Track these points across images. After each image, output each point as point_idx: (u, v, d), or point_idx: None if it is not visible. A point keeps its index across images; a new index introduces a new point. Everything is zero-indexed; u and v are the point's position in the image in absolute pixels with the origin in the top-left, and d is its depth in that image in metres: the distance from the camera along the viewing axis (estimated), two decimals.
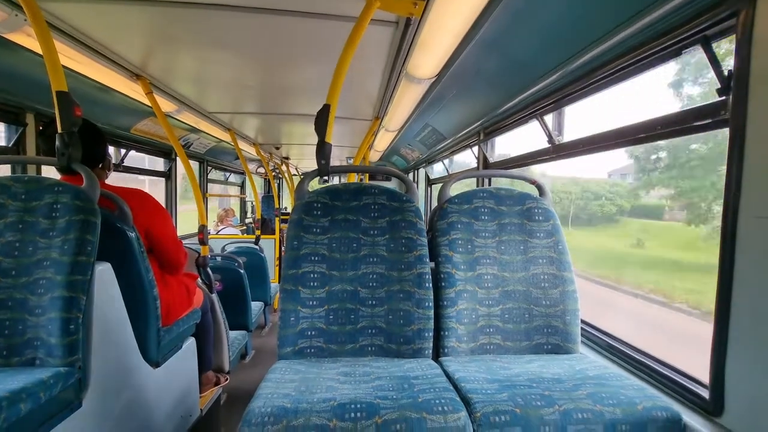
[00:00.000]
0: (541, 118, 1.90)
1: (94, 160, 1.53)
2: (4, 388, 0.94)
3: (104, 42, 1.74)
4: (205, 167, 4.67)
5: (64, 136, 1.28)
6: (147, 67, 2.04)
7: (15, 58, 1.67)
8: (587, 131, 1.57)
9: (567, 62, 1.41)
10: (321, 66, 2.02)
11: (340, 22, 1.51)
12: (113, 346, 1.34)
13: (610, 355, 1.44)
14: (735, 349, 0.92)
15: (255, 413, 0.89)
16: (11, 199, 1.23)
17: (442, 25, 1.42)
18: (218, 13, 1.49)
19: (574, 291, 1.39)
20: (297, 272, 1.30)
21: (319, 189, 1.40)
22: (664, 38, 1.11)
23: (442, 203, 1.46)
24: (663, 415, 0.94)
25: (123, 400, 1.36)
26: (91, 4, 1.42)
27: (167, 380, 1.63)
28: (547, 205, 1.47)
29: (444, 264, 1.37)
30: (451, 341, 1.32)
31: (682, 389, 1.11)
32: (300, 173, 8.25)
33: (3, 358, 1.12)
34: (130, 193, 1.55)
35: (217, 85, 2.48)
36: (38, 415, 1.01)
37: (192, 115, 2.97)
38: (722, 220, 0.94)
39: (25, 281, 1.16)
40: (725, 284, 0.93)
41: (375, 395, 0.95)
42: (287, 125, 3.81)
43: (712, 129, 1.03)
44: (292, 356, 1.26)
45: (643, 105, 2.15)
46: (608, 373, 1.10)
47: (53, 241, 1.19)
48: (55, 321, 1.12)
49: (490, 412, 0.93)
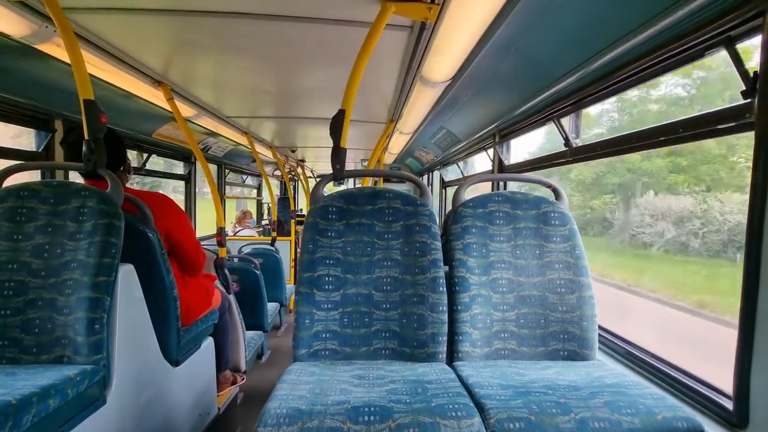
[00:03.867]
0: (557, 121, 1.88)
1: (115, 164, 1.58)
2: (35, 384, 0.98)
3: (128, 51, 1.80)
4: (223, 170, 4.77)
5: (90, 142, 1.33)
6: (168, 73, 2.11)
7: (45, 67, 1.75)
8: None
9: (585, 63, 1.39)
10: (336, 70, 2.04)
11: (356, 28, 1.53)
12: (135, 344, 1.38)
13: (628, 363, 1.41)
14: (761, 359, 0.89)
15: (271, 414, 0.90)
16: (41, 203, 1.28)
17: (456, 29, 1.42)
18: (237, 21, 1.52)
19: (591, 297, 1.36)
20: (312, 275, 1.31)
21: (334, 193, 1.41)
22: (686, 39, 1.08)
23: (456, 207, 1.46)
24: (684, 426, 0.92)
25: (144, 398, 1.40)
26: (116, 15, 1.48)
27: (186, 379, 1.68)
28: (563, 209, 1.45)
29: (458, 268, 1.37)
30: (466, 346, 1.32)
31: (704, 399, 1.07)
32: (315, 175, 8.32)
33: (33, 355, 1.17)
34: (152, 197, 1.59)
35: (235, 90, 2.53)
36: (65, 410, 1.06)
37: (210, 119, 3.05)
38: (747, 225, 0.91)
39: (53, 282, 1.21)
40: (751, 291, 0.90)
41: (389, 399, 0.96)
42: (303, 128, 3.86)
43: (737, 132, 1.00)
44: (307, 358, 1.28)
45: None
46: (626, 381, 1.08)
47: (80, 244, 1.23)
48: (82, 320, 1.17)
49: (504, 418, 0.92)
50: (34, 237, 1.25)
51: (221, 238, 2.39)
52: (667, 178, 7.42)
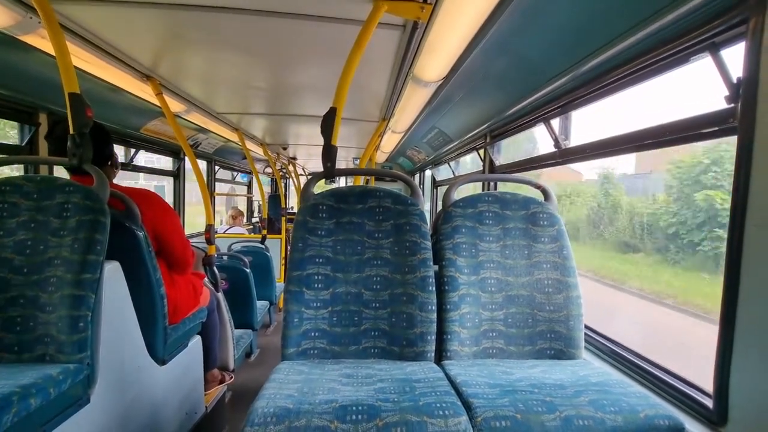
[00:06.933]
0: (547, 122, 1.89)
1: (101, 160, 1.55)
2: (15, 383, 0.96)
3: (115, 44, 1.77)
4: (213, 167, 4.72)
5: (75, 137, 1.30)
6: (157, 68, 2.07)
7: (29, 59, 1.71)
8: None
9: (574, 66, 1.40)
10: (328, 67, 2.03)
11: (348, 26, 1.52)
12: (121, 343, 1.36)
13: (613, 362, 1.43)
14: (740, 358, 0.91)
15: (258, 413, 0.90)
16: (24, 198, 1.26)
17: (449, 29, 1.42)
18: (227, 16, 1.51)
19: (579, 297, 1.39)
20: (302, 274, 1.31)
21: (325, 192, 1.41)
22: (672, 44, 1.10)
23: (446, 207, 1.47)
24: (665, 423, 0.94)
25: (130, 397, 1.38)
26: (103, 7, 1.45)
27: (173, 377, 1.66)
28: (552, 210, 1.46)
29: (448, 267, 1.38)
30: (454, 345, 1.32)
31: (685, 398, 1.10)
32: (307, 173, 8.29)
33: (14, 353, 1.15)
34: (139, 194, 1.57)
35: (226, 86, 2.50)
36: (48, 410, 1.04)
37: (201, 115, 3.01)
38: (729, 228, 0.94)
39: (36, 279, 1.18)
40: (731, 291, 0.92)
41: (376, 398, 0.96)
42: (294, 126, 3.84)
43: (720, 137, 1.02)
44: (296, 357, 1.27)
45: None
46: (611, 380, 1.10)
47: (64, 240, 1.21)
48: (65, 318, 1.15)
49: (490, 417, 0.93)
50: (17, 233, 1.22)
51: (210, 236, 2.37)
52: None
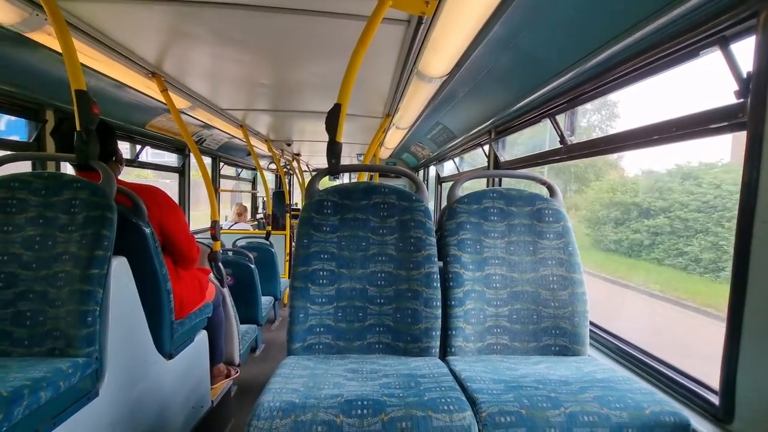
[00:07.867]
0: (553, 118, 1.88)
1: (107, 155, 1.56)
2: (26, 376, 0.98)
3: (121, 41, 1.77)
4: (218, 163, 4.74)
5: (82, 133, 1.31)
6: (162, 64, 2.08)
7: (35, 56, 1.72)
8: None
9: (581, 61, 1.39)
10: (333, 63, 2.03)
11: (352, 21, 1.52)
12: (128, 337, 1.38)
13: (618, 358, 1.43)
14: (747, 355, 0.90)
15: (264, 407, 0.91)
16: (32, 195, 1.27)
17: (454, 24, 1.41)
18: (232, 12, 1.51)
19: (584, 293, 1.38)
20: (307, 270, 1.31)
21: (330, 188, 1.41)
22: (681, 38, 1.09)
23: (451, 203, 1.46)
24: (671, 420, 0.94)
25: (137, 390, 1.40)
26: (109, 4, 1.45)
27: (180, 372, 1.68)
28: (557, 206, 1.46)
29: (452, 264, 1.38)
30: (459, 341, 1.33)
31: (691, 394, 1.09)
32: (311, 170, 8.29)
33: (25, 347, 1.17)
34: (145, 190, 1.58)
35: (231, 83, 2.51)
36: (57, 403, 1.05)
37: (205, 111, 3.02)
38: (737, 224, 0.93)
39: (45, 274, 1.20)
40: (739, 288, 0.92)
41: (381, 392, 0.96)
42: (299, 122, 3.84)
43: (729, 132, 1.01)
44: (301, 352, 1.28)
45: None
46: (616, 376, 1.10)
47: (72, 236, 1.22)
48: (74, 313, 1.16)
49: (495, 412, 0.93)
50: (25, 228, 1.24)
51: (215, 232, 2.38)
52: None
